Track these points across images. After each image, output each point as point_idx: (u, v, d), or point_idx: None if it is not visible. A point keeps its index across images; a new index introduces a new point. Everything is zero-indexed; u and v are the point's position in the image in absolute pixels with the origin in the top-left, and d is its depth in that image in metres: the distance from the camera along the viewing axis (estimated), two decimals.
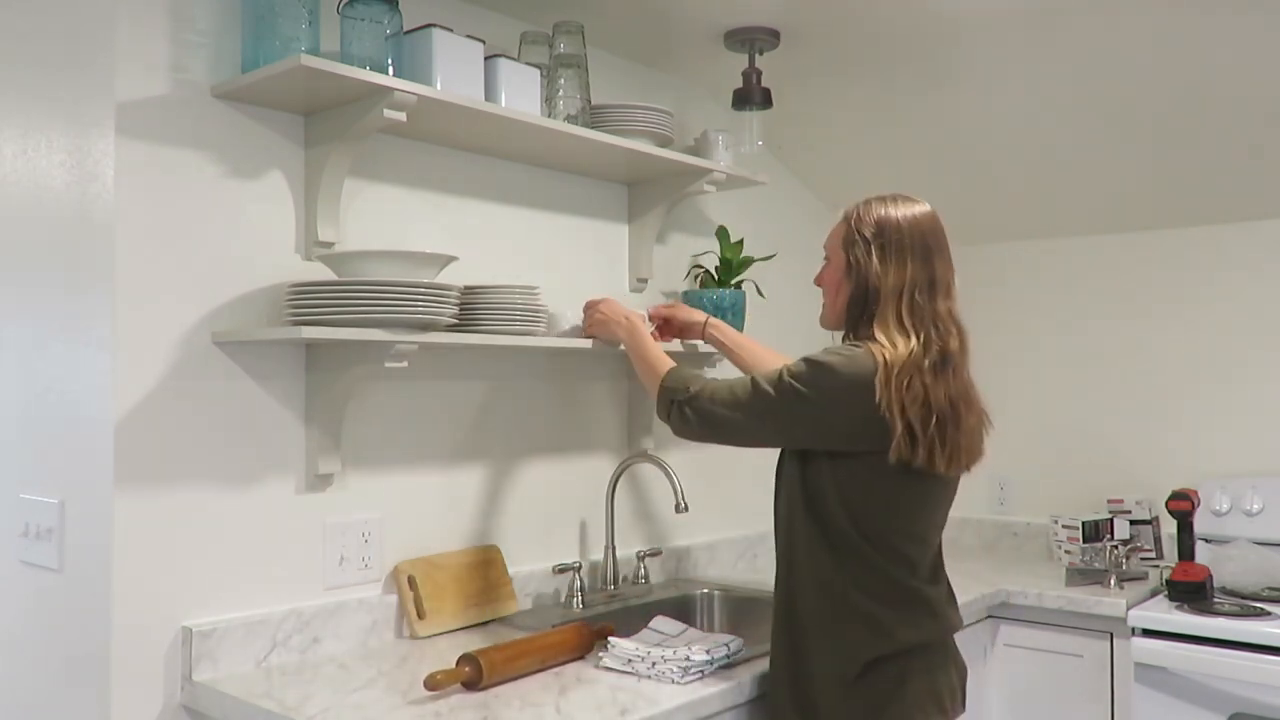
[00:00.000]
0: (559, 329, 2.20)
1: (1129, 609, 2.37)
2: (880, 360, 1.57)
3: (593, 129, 2.17)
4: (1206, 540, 2.64)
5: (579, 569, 2.25)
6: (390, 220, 2.04)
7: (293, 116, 1.88)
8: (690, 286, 2.69)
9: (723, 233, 2.62)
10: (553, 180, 2.37)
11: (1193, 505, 2.51)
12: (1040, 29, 2.27)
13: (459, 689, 1.66)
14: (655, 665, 1.72)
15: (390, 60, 1.81)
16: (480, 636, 1.98)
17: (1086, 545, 2.71)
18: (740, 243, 2.60)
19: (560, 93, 2.18)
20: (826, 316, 1.79)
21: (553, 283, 2.27)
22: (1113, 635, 2.41)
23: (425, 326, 1.77)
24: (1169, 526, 2.70)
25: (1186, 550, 2.49)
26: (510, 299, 1.95)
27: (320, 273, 1.88)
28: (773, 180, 2.83)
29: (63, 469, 1.76)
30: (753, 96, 2.46)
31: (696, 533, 2.69)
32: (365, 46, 1.78)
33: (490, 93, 1.99)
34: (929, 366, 1.58)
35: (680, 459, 2.47)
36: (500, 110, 1.95)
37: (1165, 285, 2.94)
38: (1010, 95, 2.55)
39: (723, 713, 1.70)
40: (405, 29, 1.87)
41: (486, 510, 2.21)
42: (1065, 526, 2.90)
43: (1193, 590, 2.40)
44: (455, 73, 1.90)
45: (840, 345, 1.68)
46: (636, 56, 2.58)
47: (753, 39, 2.40)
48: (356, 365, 1.80)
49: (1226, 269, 2.84)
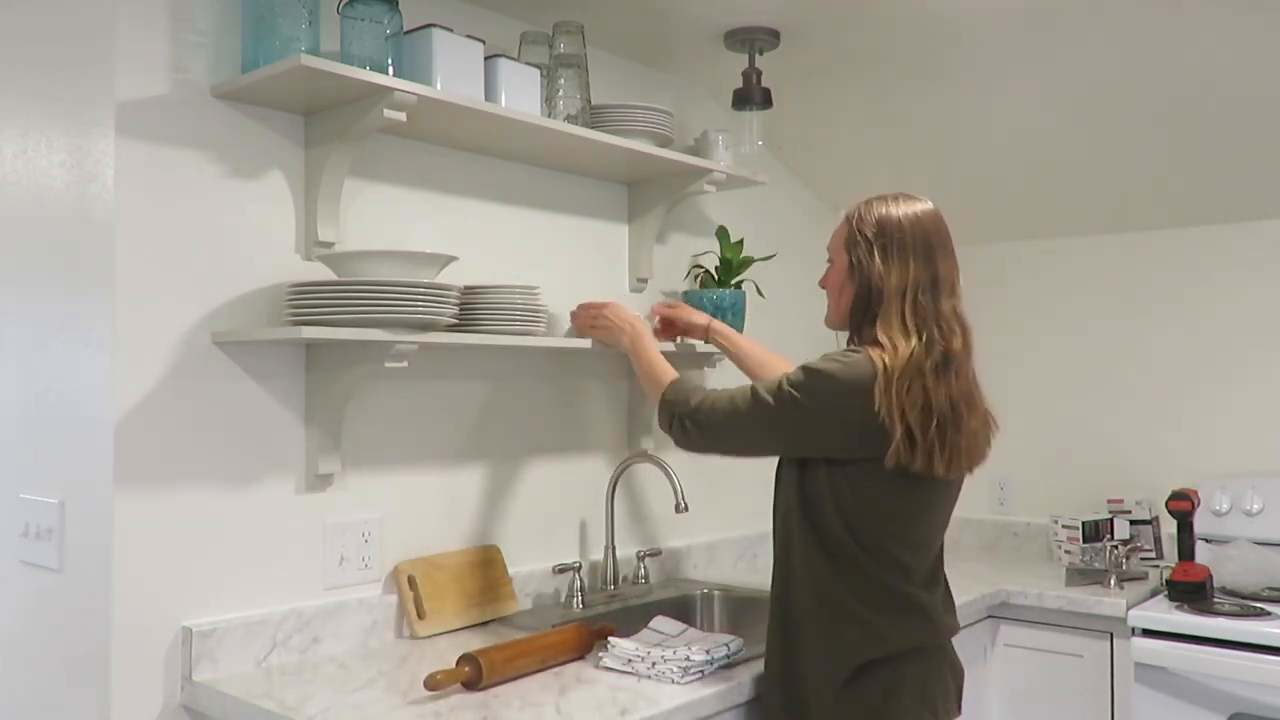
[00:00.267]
0: (560, 330, 2.20)
1: (1129, 609, 2.37)
2: (880, 366, 1.56)
3: (593, 129, 2.17)
4: (1206, 540, 2.64)
5: (579, 569, 2.25)
6: (390, 220, 2.04)
7: (293, 116, 1.88)
8: (690, 286, 2.69)
9: (723, 233, 2.62)
10: (553, 180, 2.37)
11: (1193, 505, 2.51)
12: (1040, 29, 2.27)
13: (459, 689, 1.66)
14: (655, 665, 1.72)
15: (390, 60, 1.81)
16: (480, 636, 1.98)
17: (1086, 545, 2.71)
18: (740, 243, 2.60)
19: (560, 93, 2.18)
20: (831, 318, 1.78)
21: (553, 283, 2.27)
22: (1113, 635, 2.41)
23: (425, 326, 1.77)
24: (1169, 526, 2.70)
25: (1186, 550, 2.49)
26: (510, 299, 1.95)
27: (320, 273, 1.88)
28: (773, 180, 2.84)
29: (63, 469, 1.76)
30: (753, 96, 2.46)
31: (696, 533, 2.69)
32: (365, 46, 1.78)
33: (490, 93, 1.99)
34: (930, 368, 1.57)
35: (680, 459, 2.46)
36: (500, 110, 1.95)
37: (1165, 285, 2.94)
38: (1010, 95, 2.55)
39: (722, 713, 1.70)
40: (405, 29, 1.87)
41: (486, 510, 2.21)
42: (1065, 526, 2.90)
43: (1193, 590, 2.40)
44: (455, 73, 1.90)
45: (839, 351, 1.66)
46: (636, 56, 2.58)
47: (753, 39, 2.40)
48: (356, 365, 1.80)
49: (1227, 269, 2.84)
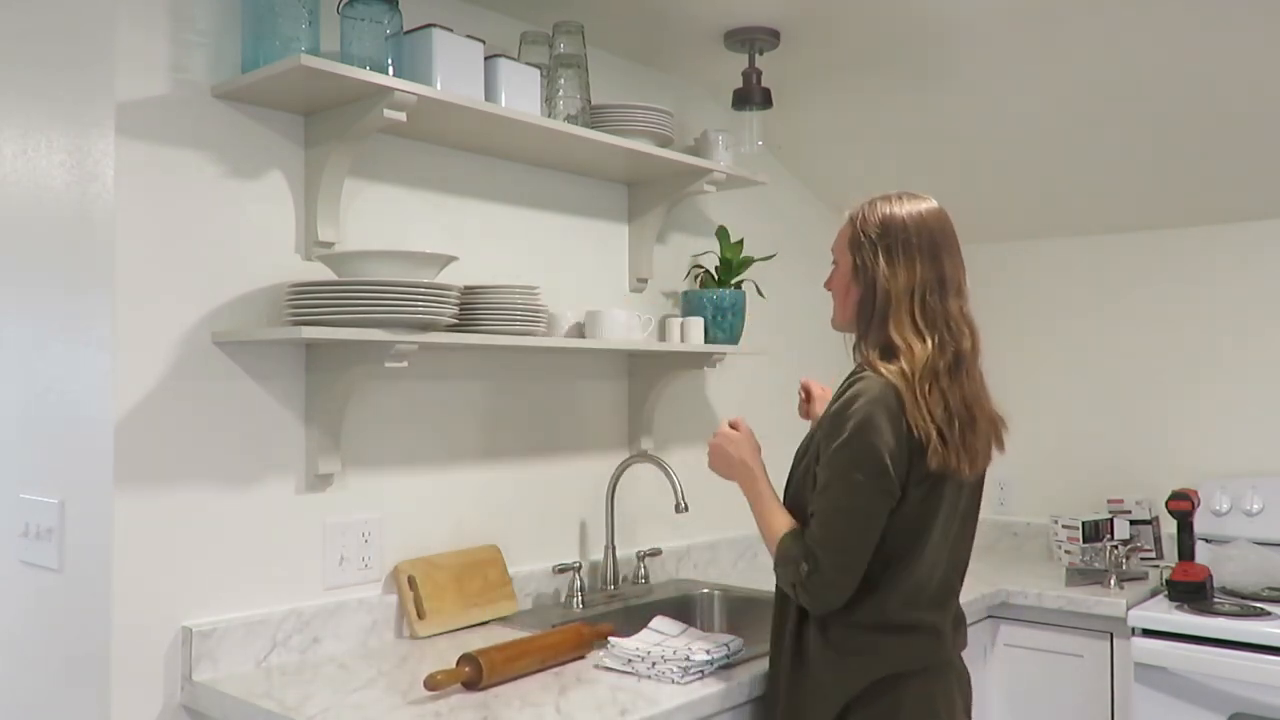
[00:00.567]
0: (560, 330, 2.20)
1: (1129, 609, 2.37)
2: (901, 382, 1.53)
3: (593, 129, 2.17)
4: (1206, 540, 2.64)
5: (579, 569, 2.26)
6: (390, 220, 2.04)
7: (293, 116, 1.88)
8: (690, 286, 2.69)
9: (723, 233, 2.62)
10: (553, 180, 2.37)
11: (1193, 505, 2.51)
12: (1039, 29, 2.27)
13: (459, 689, 1.66)
14: (655, 665, 1.72)
15: (390, 60, 1.81)
16: (480, 636, 1.98)
17: (1086, 545, 2.71)
18: (740, 243, 2.60)
19: (560, 93, 2.18)
20: (837, 319, 1.75)
21: (553, 283, 2.27)
22: (1113, 635, 2.41)
23: (425, 326, 1.77)
24: (1169, 526, 2.70)
25: (1186, 550, 2.49)
26: (510, 299, 1.95)
27: (320, 273, 1.88)
28: (773, 180, 2.83)
29: (63, 469, 1.76)
30: (753, 96, 2.46)
31: (696, 533, 2.68)
32: (365, 46, 1.78)
33: (490, 93, 1.99)
34: (944, 369, 1.56)
35: (680, 459, 2.47)
36: (500, 110, 1.95)
37: (1166, 285, 2.94)
38: (1010, 95, 2.55)
39: (722, 713, 1.70)
40: (405, 29, 1.87)
41: (486, 510, 2.21)
42: (1065, 526, 2.90)
43: (1193, 590, 2.40)
44: (455, 73, 1.90)
45: (851, 387, 1.59)
46: (636, 56, 2.58)
47: (753, 39, 2.40)
48: (356, 365, 1.80)
49: (1227, 268, 2.84)
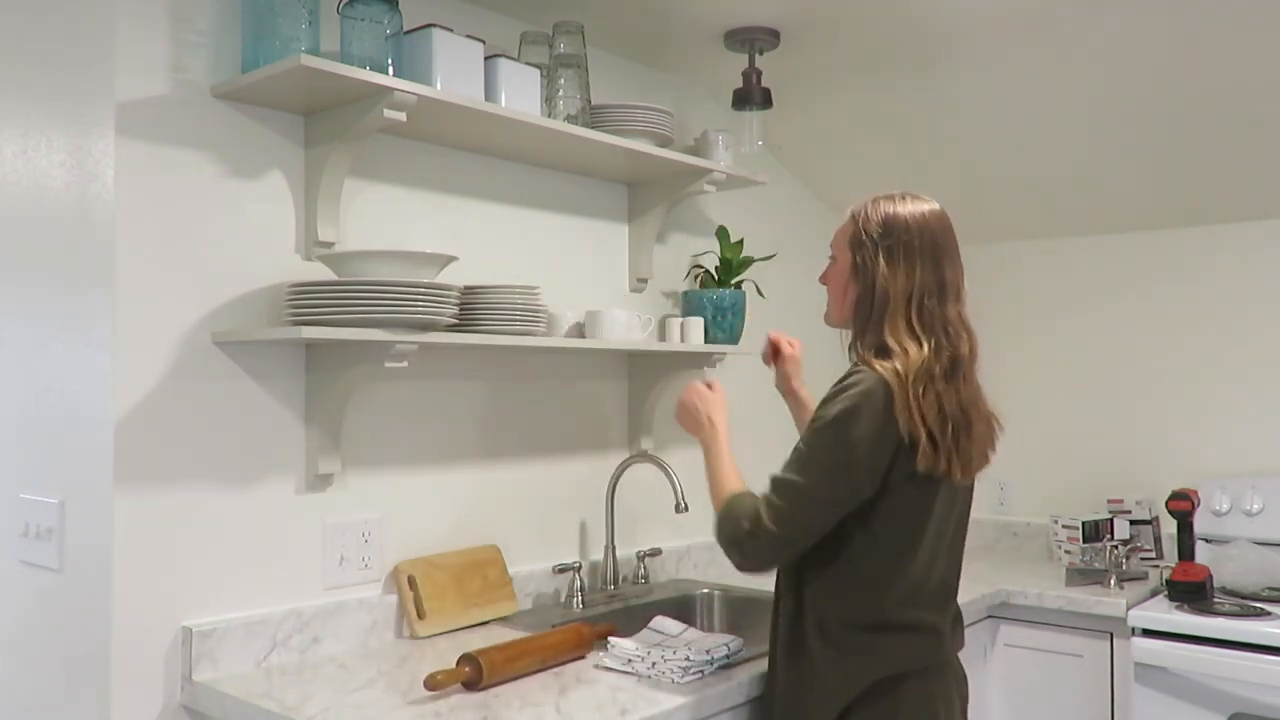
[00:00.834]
0: (560, 330, 2.20)
1: (1129, 609, 2.37)
2: (894, 380, 1.52)
3: (593, 129, 2.17)
4: (1206, 540, 2.64)
5: (579, 569, 2.26)
6: (390, 220, 2.04)
7: (293, 116, 1.88)
8: (690, 286, 2.69)
9: (723, 233, 2.62)
10: (553, 180, 2.37)
11: (1193, 505, 2.51)
12: (1040, 29, 2.27)
13: (459, 689, 1.66)
14: (655, 665, 1.72)
15: (390, 60, 1.81)
16: (480, 636, 1.98)
17: (1086, 545, 2.71)
18: (740, 243, 2.60)
19: (560, 93, 2.18)
20: (831, 315, 1.74)
21: (553, 283, 2.27)
22: (1113, 635, 2.41)
23: (425, 326, 1.77)
24: (1169, 526, 2.70)
25: (1186, 550, 2.49)
26: (510, 299, 1.95)
27: (320, 273, 1.88)
28: (773, 180, 2.83)
29: (63, 469, 1.76)
30: (753, 96, 2.46)
31: (696, 533, 2.68)
32: (365, 46, 1.78)
33: (490, 93, 1.99)
34: (940, 373, 1.55)
35: (680, 459, 2.47)
36: (500, 110, 1.95)
37: (1166, 284, 2.94)
38: (1010, 95, 2.55)
39: (722, 713, 1.70)
40: (405, 29, 1.87)
41: (486, 510, 2.21)
42: (1065, 526, 2.90)
43: (1193, 590, 2.40)
44: (455, 73, 1.90)
45: (846, 381, 1.59)
46: (636, 56, 2.58)
47: (753, 39, 2.40)
48: (356, 365, 1.80)
49: (1227, 268, 2.84)
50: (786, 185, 3.08)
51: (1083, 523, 2.74)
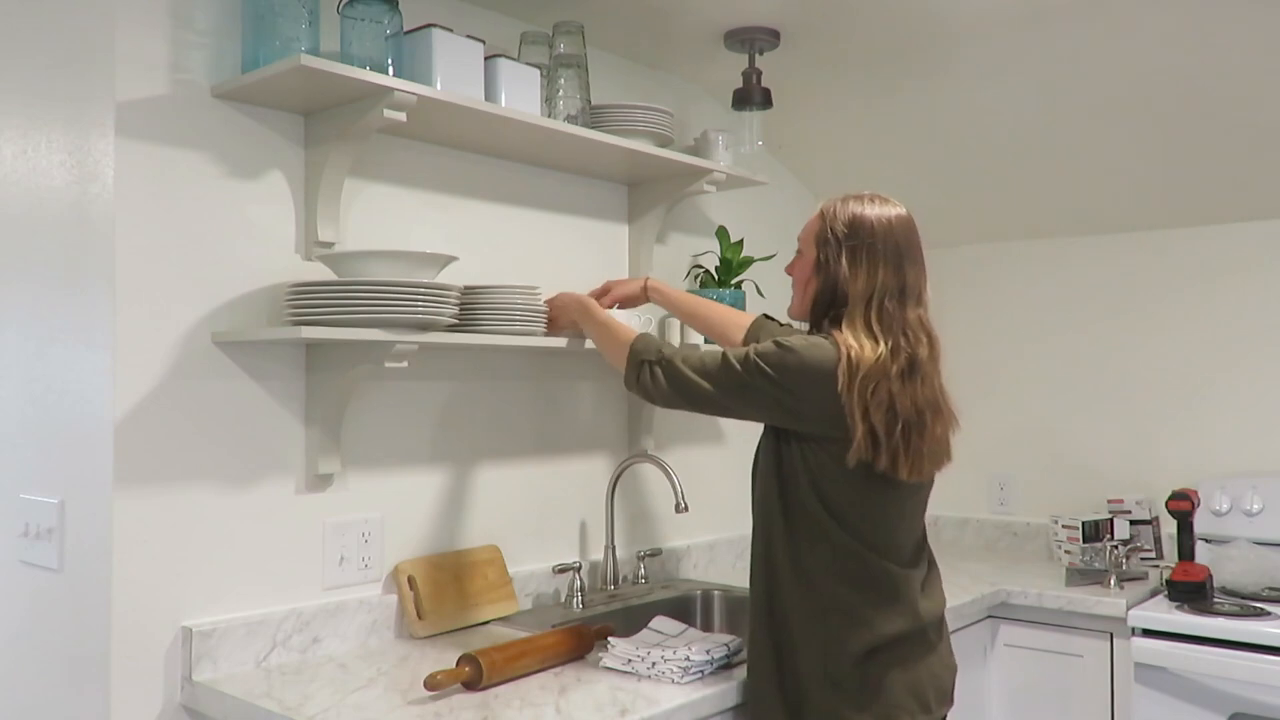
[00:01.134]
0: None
1: (1129, 609, 2.37)
2: (844, 352, 1.57)
3: (593, 129, 2.17)
4: (1206, 540, 2.64)
5: (579, 569, 2.26)
6: (390, 220, 2.04)
7: (293, 116, 1.88)
8: (690, 286, 2.69)
9: (723, 233, 2.62)
10: (553, 180, 2.37)
11: (1193, 505, 2.51)
12: (1039, 30, 2.27)
13: (459, 689, 1.66)
14: (655, 665, 1.72)
15: (390, 60, 1.81)
16: (480, 636, 1.98)
17: (1086, 545, 2.71)
18: (740, 243, 2.60)
19: (560, 93, 2.18)
20: (794, 308, 1.79)
21: (553, 283, 2.26)
22: (1113, 635, 2.41)
23: (425, 326, 1.77)
24: (1169, 526, 2.70)
25: (1186, 550, 2.49)
26: (510, 299, 1.95)
27: (320, 273, 1.88)
28: (773, 180, 2.84)
29: (63, 469, 1.77)
30: (753, 96, 2.46)
31: (696, 533, 2.69)
32: (365, 46, 1.78)
33: (490, 93, 1.99)
34: (896, 373, 1.58)
35: (680, 459, 2.47)
36: (500, 110, 1.95)
37: (1166, 285, 2.94)
38: (1011, 95, 2.55)
39: (722, 713, 1.70)
40: (405, 29, 1.87)
41: (486, 510, 2.21)
42: (1065, 526, 2.90)
43: (1193, 590, 2.40)
44: (455, 73, 1.90)
45: (808, 334, 1.68)
46: (636, 56, 2.58)
47: (753, 39, 2.40)
48: (356, 365, 1.80)
49: (1227, 268, 2.84)
50: (786, 185, 3.08)
51: (1083, 523, 2.74)
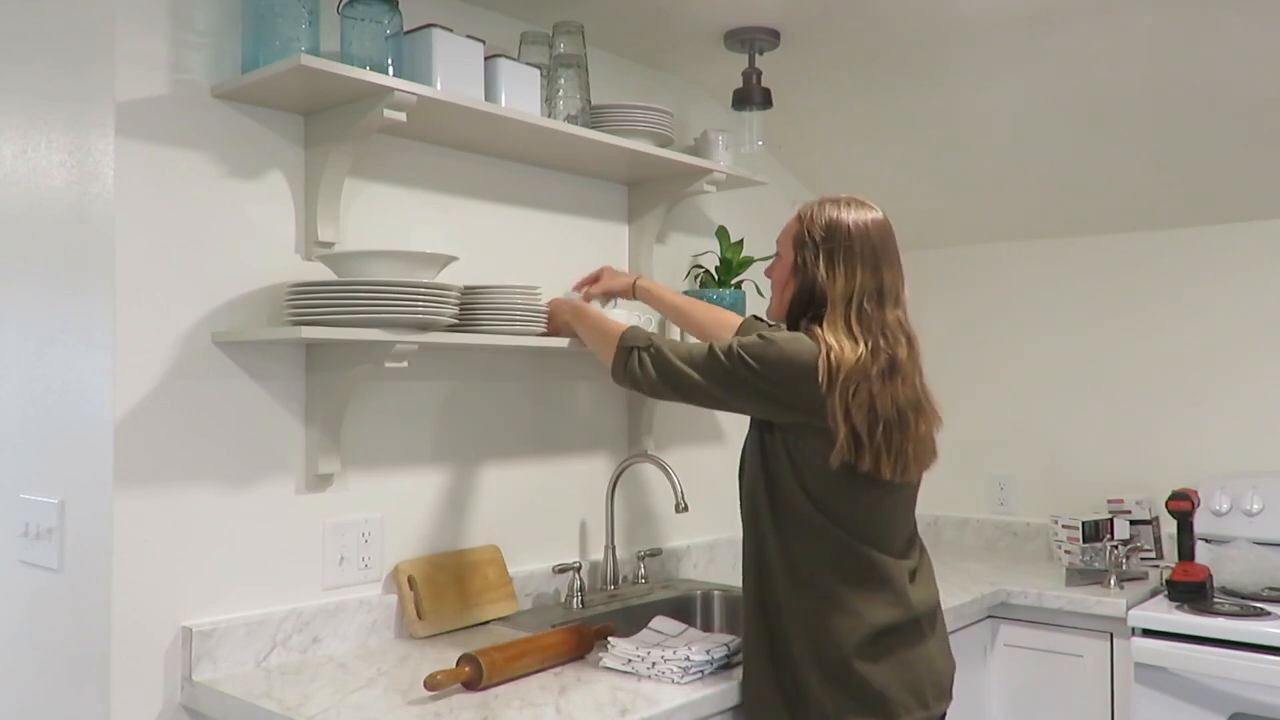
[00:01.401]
0: None
1: (1129, 609, 2.37)
2: (825, 350, 1.59)
3: (593, 129, 2.17)
4: (1206, 540, 2.64)
5: (579, 569, 2.26)
6: (390, 220, 2.04)
7: (293, 116, 1.88)
8: (690, 286, 2.69)
9: (723, 233, 2.62)
10: (553, 180, 2.37)
11: (1193, 505, 2.51)
12: (1040, 30, 2.27)
13: (459, 689, 1.66)
14: (655, 665, 1.72)
15: (390, 60, 1.81)
16: (480, 636, 1.98)
17: (1086, 545, 2.71)
18: (740, 243, 2.60)
19: (560, 93, 2.18)
20: (772, 310, 1.82)
21: (553, 283, 2.27)
22: (1113, 635, 2.41)
23: (425, 326, 1.77)
24: (1169, 526, 2.70)
25: (1186, 550, 2.49)
26: (510, 299, 1.95)
27: (320, 273, 1.88)
28: (773, 180, 2.83)
29: (63, 469, 1.77)
30: (753, 96, 2.46)
31: (697, 533, 2.69)
32: (365, 46, 1.78)
33: (490, 93, 1.99)
34: (877, 373, 1.59)
35: (680, 459, 2.47)
36: (500, 110, 1.95)
37: (1166, 285, 2.94)
38: (1010, 96, 2.55)
39: (722, 712, 1.70)
40: (405, 29, 1.87)
41: (486, 510, 2.21)
42: (1065, 526, 2.90)
43: (1193, 590, 2.40)
44: (455, 73, 1.90)
45: (798, 334, 1.68)
46: (636, 56, 2.58)
47: (753, 39, 2.40)
48: (356, 365, 1.80)
49: (1227, 269, 2.84)
50: (786, 185, 3.08)
51: (1083, 523, 2.74)
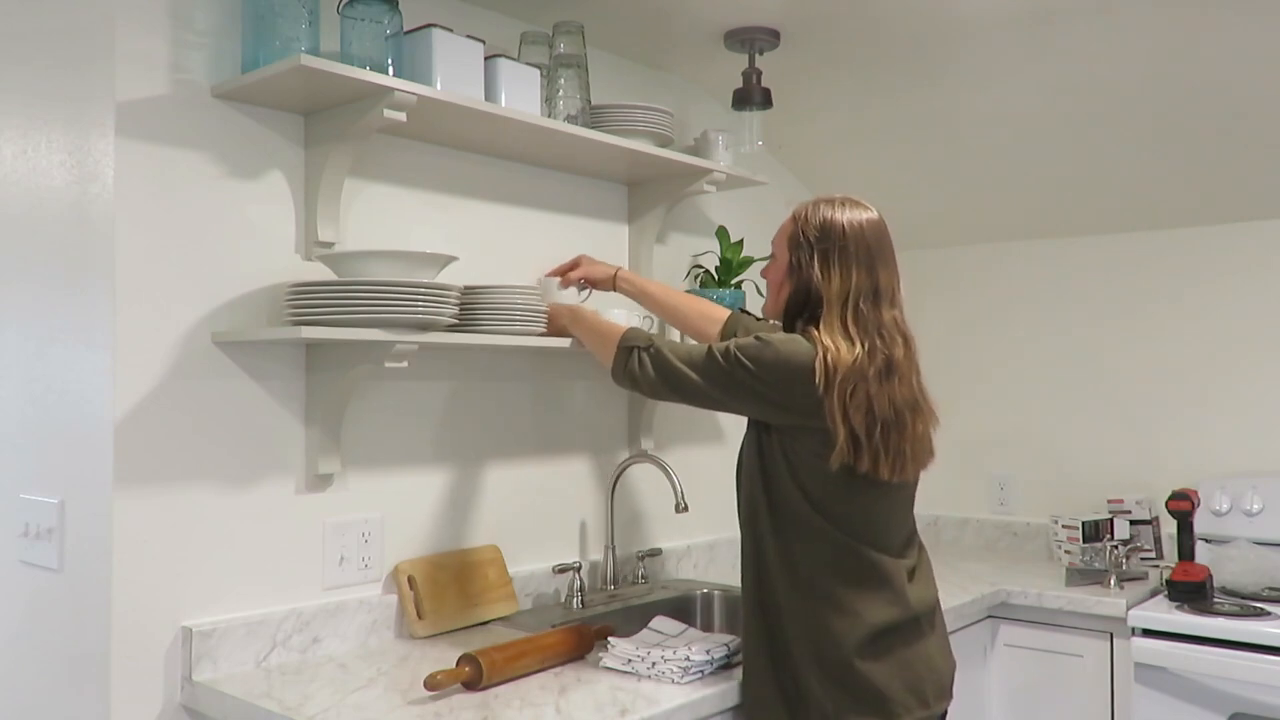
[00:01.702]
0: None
1: (1129, 609, 2.37)
2: (821, 351, 1.59)
3: (593, 129, 2.17)
4: (1206, 540, 2.64)
5: (579, 569, 2.26)
6: (390, 220, 2.04)
7: (293, 116, 1.88)
8: (690, 286, 2.69)
9: (723, 233, 2.62)
10: (553, 180, 2.37)
11: (1193, 505, 2.51)
12: (1040, 30, 2.27)
13: (459, 689, 1.66)
14: (655, 665, 1.72)
15: (390, 60, 1.81)
16: (480, 636, 1.98)
17: (1086, 545, 2.71)
18: (740, 243, 2.60)
19: (560, 93, 2.18)
20: (767, 309, 1.83)
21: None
22: (1113, 635, 2.41)
23: (425, 326, 1.77)
24: (1169, 526, 2.70)
25: (1186, 550, 2.49)
26: (510, 299, 1.95)
27: (320, 273, 1.88)
28: (773, 180, 2.83)
29: (63, 469, 1.77)
30: (753, 96, 2.46)
31: (696, 533, 2.69)
32: (365, 46, 1.78)
33: (490, 93, 1.99)
34: (874, 374, 1.59)
35: (680, 459, 2.47)
36: (500, 110, 1.95)
37: (1166, 285, 2.94)
38: (1011, 95, 2.55)
39: (722, 712, 1.70)
40: (405, 29, 1.87)
41: (486, 510, 2.21)
42: (1065, 526, 2.90)
43: (1193, 590, 2.40)
44: (455, 73, 1.90)
45: (794, 335, 1.69)
46: (636, 56, 2.58)
47: (753, 39, 2.40)
48: (356, 365, 1.80)
49: (1227, 269, 2.84)
50: (786, 185, 3.08)
51: (1083, 523, 2.74)
